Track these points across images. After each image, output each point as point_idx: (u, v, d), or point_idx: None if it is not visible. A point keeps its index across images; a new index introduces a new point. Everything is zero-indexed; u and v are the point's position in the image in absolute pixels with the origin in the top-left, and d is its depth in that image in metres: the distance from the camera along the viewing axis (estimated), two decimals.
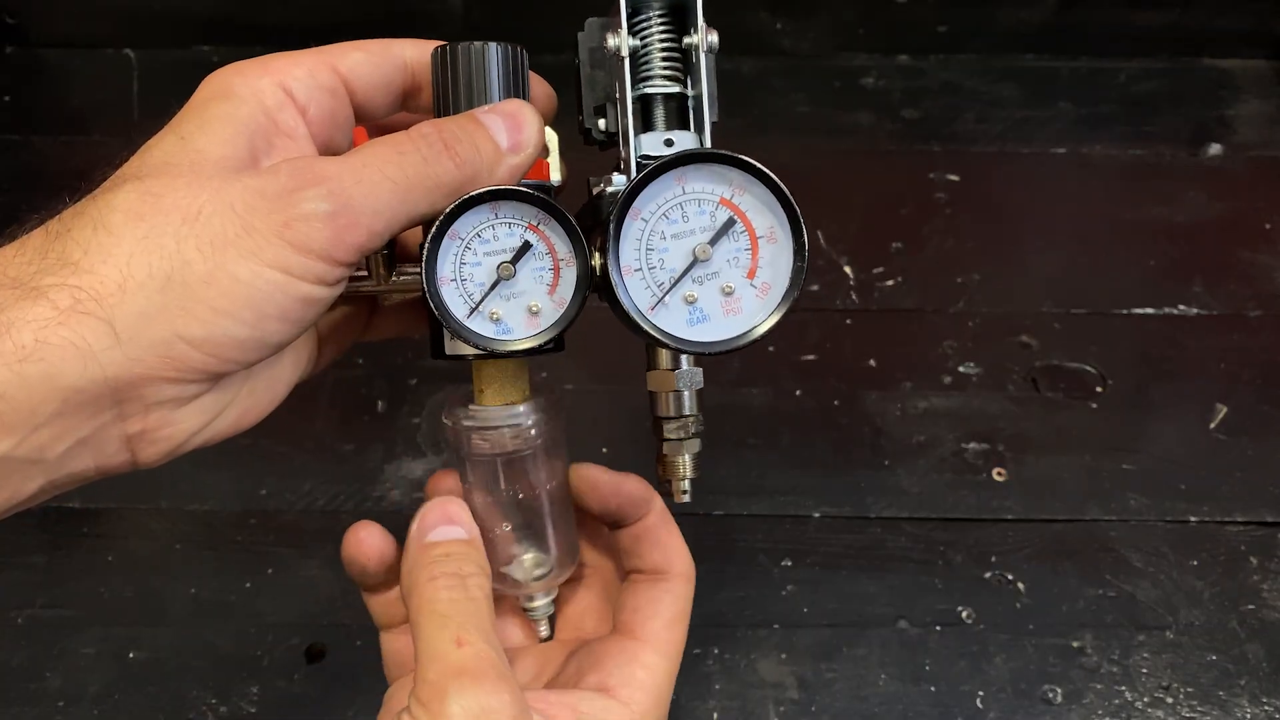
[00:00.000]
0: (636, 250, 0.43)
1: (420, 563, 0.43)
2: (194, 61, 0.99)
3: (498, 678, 0.39)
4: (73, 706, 0.68)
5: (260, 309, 0.38)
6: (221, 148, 0.40)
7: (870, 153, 0.97)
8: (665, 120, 0.46)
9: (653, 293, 0.43)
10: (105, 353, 0.36)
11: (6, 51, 1.03)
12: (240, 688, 0.68)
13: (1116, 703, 0.68)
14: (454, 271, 0.43)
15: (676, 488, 0.48)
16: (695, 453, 0.48)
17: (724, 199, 0.43)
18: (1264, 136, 0.98)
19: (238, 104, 0.41)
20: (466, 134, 0.42)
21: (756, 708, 0.68)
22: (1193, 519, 0.76)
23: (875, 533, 0.75)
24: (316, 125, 0.44)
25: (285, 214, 0.38)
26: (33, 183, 0.93)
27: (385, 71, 0.45)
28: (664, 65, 0.46)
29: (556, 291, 0.44)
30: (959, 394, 0.82)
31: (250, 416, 0.43)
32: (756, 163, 0.43)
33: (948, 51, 1.03)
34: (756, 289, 0.44)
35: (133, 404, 0.38)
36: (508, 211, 0.43)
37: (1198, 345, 0.85)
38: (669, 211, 0.43)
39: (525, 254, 0.43)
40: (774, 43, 1.02)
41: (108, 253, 0.37)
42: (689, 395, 0.47)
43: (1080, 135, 0.98)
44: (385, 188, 0.39)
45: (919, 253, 0.90)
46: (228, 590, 0.73)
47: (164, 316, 0.37)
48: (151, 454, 0.40)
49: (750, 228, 0.44)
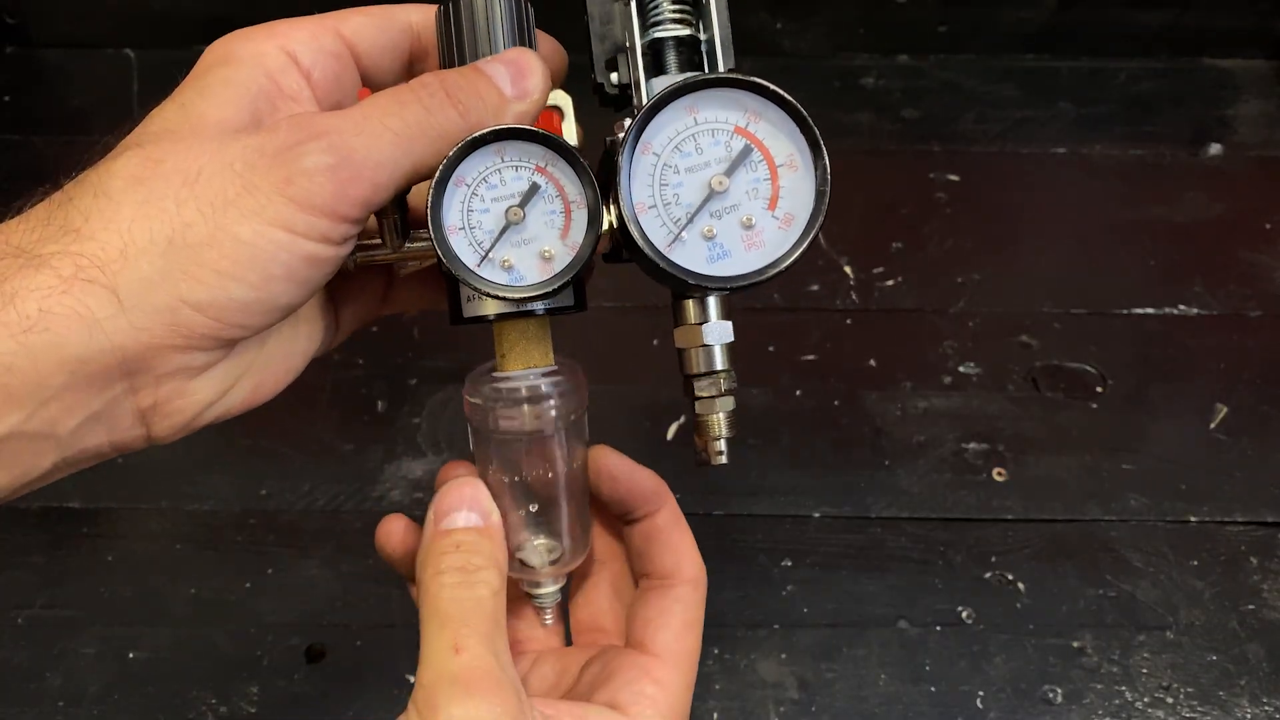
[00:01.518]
0: (649, 186, 0.41)
1: (430, 553, 0.42)
2: (194, 62, 0.99)
3: (493, 686, 0.39)
4: (73, 706, 0.68)
5: (265, 269, 0.37)
6: (221, 110, 0.39)
7: (870, 153, 0.97)
8: (678, 65, 0.44)
9: (669, 230, 0.42)
10: (110, 320, 0.35)
11: (6, 51, 1.03)
12: (240, 688, 0.68)
13: (1116, 703, 0.68)
14: (462, 219, 0.41)
15: (712, 448, 0.45)
16: (730, 410, 0.45)
17: (738, 127, 0.41)
18: (1264, 136, 0.98)
19: (238, 67, 0.41)
20: (469, 82, 0.41)
21: (756, 708, 0.68)
22: (1193, 519, 0.76)
23: (875, 533, 0.75)
24: (321, 89, 0.43)
25: (286, 169, 0.37)
26: (33, 183, 0.93)
27: (390, 35, 0.45)
28: (674, 9, 0.44)
29: (569, 235, 0.42)
30: (959, 394, 0.82)
31: (265, 389, 0.42)
32: (771, 85, 0.41)
33: (948, 51, 1.03)
34: (779, 220, 0.42)
35: (143, 375, 0.37)
36: (514, 154, 0.41)
37: (1198, 345, 0.85)
38: (681, 144, 0.41)
39: (534, 196, 0.41)
40: (774, 43, 1.02)
41: (109, 219, 0.36)
42: (720, 350, 0.44)
43: (1080, 135, 0.98)
44: (387, 139, 0.38)
45: (919, 253, 0.90)
46: (228, 590, 0.72)
47: (167, 282, 0.36)
48: (166, 427, 0.39)
49: (768, 155, 0.42)
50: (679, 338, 0.45)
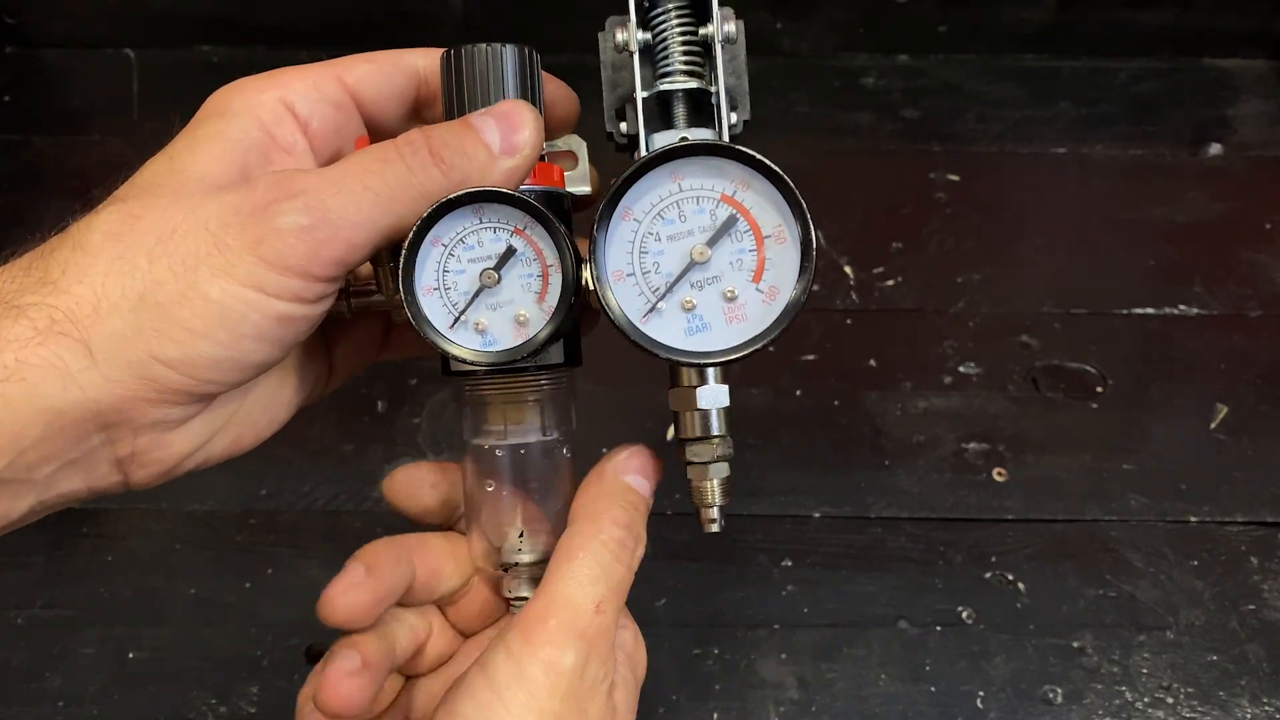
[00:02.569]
0: (628, 253, 0.41)
1: (612, 497, 0.43)
2: (194, 61, 0.99)
3: (608, 652, 0.40)
4: (73, 706, 0.68)
5: (234, 329, 0.37)
6: (207, 166, 0.39)
7: (870, 153, 0.97)
8: (686, 118, 0.43)
9: (647, 299, 0.41)
10: (83, 374, 0.35)
11: (6, 51, 1.03)
12: (240, 688, 0.68)
13: (1117, 703, 0.68)
14: (437, 279, 0.41)
15: (704, 515, 0.44)
16: (724, 477, 0.44)
17: (725, 195, 0.40)
18: (1264, 136, 0.98)
19: (230, 121, 0.41)
20: (456, 139, 0.40)
21: (756, 708, 0.68)
22: (1193, 519, 0.76)
23: (875, 533, 0.75)
24: (320, 139, 0.43)
25: (259, 229, 0.37)
26: (33, 183, 0.93)
27: (396, 82, 0.44)
28: (684, 61, 0.43)
29: (545, 299, 0.41)
30: (959, 394, 0.82)
31: (247, 440, 0.43)
32: (758, 155, 0.40)
33: (948, 51, 1.03)
34: (763, 293, 0.41)
35: (120, 427, 0.37)
36: (493, 215, 0.40)
37: (1198, 345, 0.85)
38: (664, 211, 0.40)
39: (510, 259, 0.41)
40: (774, 43, 1.02)
41: (84, 272, 0.36)
42: (716, 414, 0.43)
43: (1080, 135, 0.98)
44: (366, 198, 0.38)
45: (919, 253, 0.90)
46: (228, 590, 0.73)
47: (139, 337, 0.36)
48: (143, 476, 0.39)
49: (755, 226, 0.40)
50: (673, 400, 0.44)
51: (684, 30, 0.43)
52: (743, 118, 0.44)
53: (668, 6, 0.43)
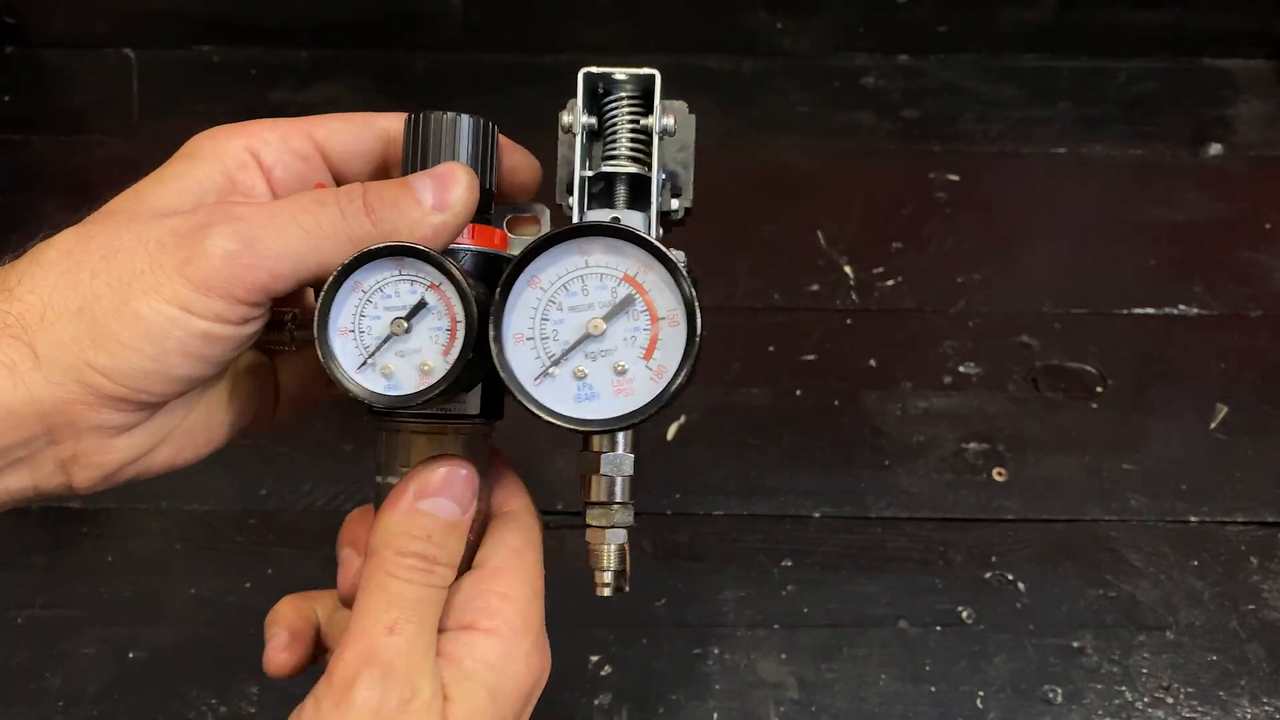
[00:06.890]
0: (530, 318, 0.43)
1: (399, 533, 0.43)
2: (194, 61, 0.99)
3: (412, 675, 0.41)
4: (73, 706, 0.68)
5: (159, 344, 0.39)
6: (165, 200, 0.42)
7: (870, 153, 0.97)
8: (626, 200, 0.46)
9: (542, 362, 0.43)
10: (29, 374, 0.39)
11: (6, 51, 1.03)
12: (240, 688, 0.68)
13: (1117, 703, 0.68)
14: (353, 322, 0.43)
15: (598, 579, 0.46)
16: (621, 543, 0.46)
17: (627, 275, 0.43)
18: (1264, 136, 0.98)
19: (196, 163, 0.44)
20: (392, 194, 0.43)
21: (756, 708, 0.68)
22: (1193, 519, 0.76)
23: (875, 533, 0.75)
24: (282, 187, 0.45)
25: (189, 250, 0.39)
26: (33, 183, 0.93)
27: (364, 140, 0.47)
28: (630, 147, 0.46)
29: (450, 352, 0.43)
30: (959, 394, 0.82)
31: (185, 455, 0.45)
32: (655, 241, 0.42)
33: (948, 51, 1.03)
34: (651, 370, 0.43)
35: (63, 429, 0.40)
36: (411, 269, 0.43)
37: (1198, 345, 0.85)
38: (569, 283, 0.43)
39: (420, 312, 0.43)
40: (774, 43, 1.02)
41: (36, 284, 0.39)
42: (620, 482, 0.46)
43: (1080, 135, 0.98)
44: (295, 234, 0.41)
45: (919, 253, 0.90)
46: (228, 590, 0.73)
47: (76, 345, 0.39)
48: (84, 479, 0.41)
49: (651, 307, 0.43)
50: (580, 463, 0.46)
51: (632, 118, 0.46)
52: (684, 204, 0.47)
53: (619, 95, 0.47)
